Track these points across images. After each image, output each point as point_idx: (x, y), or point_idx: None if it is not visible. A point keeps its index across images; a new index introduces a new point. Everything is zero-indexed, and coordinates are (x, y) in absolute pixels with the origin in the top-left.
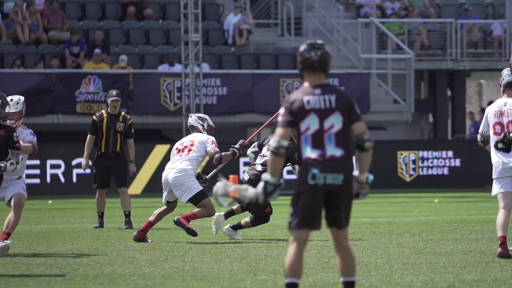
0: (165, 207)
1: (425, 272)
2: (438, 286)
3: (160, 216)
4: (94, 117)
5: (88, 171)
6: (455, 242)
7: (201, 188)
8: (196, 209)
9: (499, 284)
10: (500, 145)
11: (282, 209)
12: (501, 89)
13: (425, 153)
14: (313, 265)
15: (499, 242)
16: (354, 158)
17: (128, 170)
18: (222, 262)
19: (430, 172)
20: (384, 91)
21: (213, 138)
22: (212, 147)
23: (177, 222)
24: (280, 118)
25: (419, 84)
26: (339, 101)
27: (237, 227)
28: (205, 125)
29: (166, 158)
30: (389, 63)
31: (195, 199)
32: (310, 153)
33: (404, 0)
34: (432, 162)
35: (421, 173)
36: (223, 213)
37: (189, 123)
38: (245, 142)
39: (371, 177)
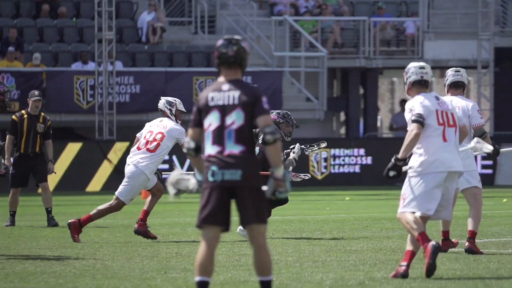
0: (149, 197)
1: (335, 270)
2: (348, 283)
3: (151, 204)
4: (14, 117)
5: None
6: (366, 240)
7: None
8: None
9: (409, 281)
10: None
11: (194, 207)
12: (445, 88)
13: (336, 151)
14: (224, 263)
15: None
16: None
17: (48, 169)
18: (133, 260)
19: (341, 170)
20: (297, 89)
21: (185, 130)
22: (186, 140)
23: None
24: (191, 117)
25: (332, 82)
26: (242, 98)
27: None
28: (173, 109)
29: (79, 156)
30: (302, 61)
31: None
32: (210, 149)
33: None
34: (343, 160)
35: (332, 171)
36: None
37: (158, 106)
38: None
39: (288, 173)
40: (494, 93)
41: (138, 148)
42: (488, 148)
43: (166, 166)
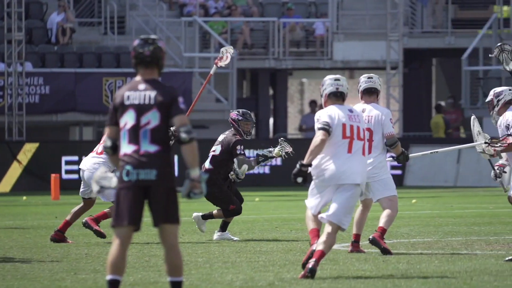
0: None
1: (245, 270)
2: (258, 284)
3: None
4: None
5: None
6: (276, 241)
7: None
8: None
9: (319, 282)
10: None
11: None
12: (359, 95)
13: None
14: (134, 264)
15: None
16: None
17: None
18: (43, 261)
19: (251, 171)
20: (207, 90)
21: None
22: None
23: (85, 224)
24: (108, 116)
25: (242, 83)
26: (158, 98)
27: (207, 216)
28: None
29: None
30: (211, 61)
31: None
32: (126, 149)
33: None
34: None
35: None
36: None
37: None
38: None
39: (204, 175)
40: (403, 94)
41: (96, 152)
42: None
43: None
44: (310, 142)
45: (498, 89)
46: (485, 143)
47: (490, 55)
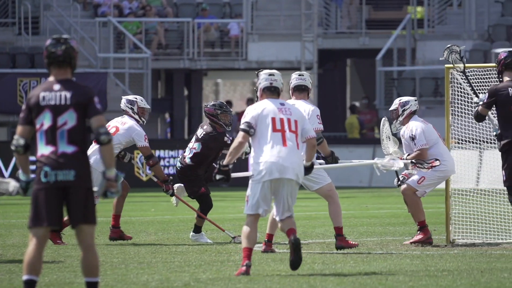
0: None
1: (161, 271)
2: (174, 285)
3: (119, 205)
4: None
5: None
6: (191, 241)
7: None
8: (114, 208)
9: (234, 282)
10: None
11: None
12: (290, 91)
13: (161, 152)
14: (49, 265)
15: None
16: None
17: None
18: None
19: (167, 171)
20: (122, 90)
21: (143, 133)
22: (144, 143)
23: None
24: (20, 115)
25: (156, 83)
26: (74, 98)
27: (197, 229)
28: (135, 108)
29: None
30: (126, 62)
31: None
32: (43, 150)
33: None
34: (169, 162)
35: None
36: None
37: (121, 106)
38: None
39: (120, 174)
40: (317, 95)
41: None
42: (399, 165)
43: None
44: None
45: (404, 99)
46: (412, 162)
47: (440, 59)
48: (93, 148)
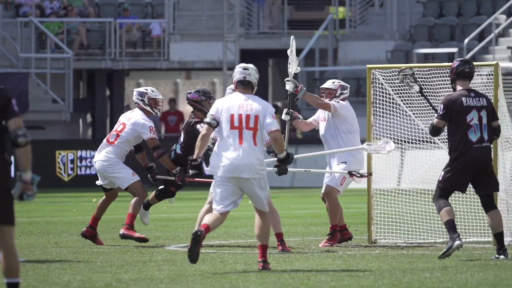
0: (104, 197)
1: (82, 271)
2: (96, 285)
3: (102, 208)
4: None
5: None
6: (113, 241)
7: (126, 174)
8: (130, 208)
9: (156, 283)
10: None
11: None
12: (234, 85)
13: (83, 153)
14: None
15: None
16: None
17: None
18: None
19: (88, 171)
20: (43, 91)
21: (151, 124)
22: (149, 135)
23: (123, 236)
24: None
25: (78, 83)
26: None
27: (147, 206)
28: (146, 99)
29: None
30: (48, 62)
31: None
32: None
33: None
34: (90, 162)
35: (79, 172)
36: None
37: (133, 99)
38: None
39: (36, 177)
40: None
41: (107, 140)
42: (391, 148)
43: None
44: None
45: (343, 83)
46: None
47: (399, 83)
48: (100, 151)
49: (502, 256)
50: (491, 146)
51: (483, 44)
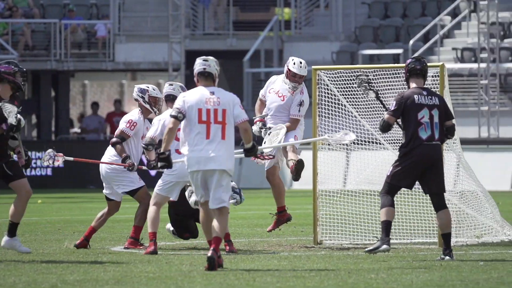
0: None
1: (28, 273)
2: (41, 286)
3: (103, 221)
4: None
5: None
6: (58, 242)
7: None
8: (136, 219)
9: (102, 284)
10: None
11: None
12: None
13: (29, 154)
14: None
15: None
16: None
17: None
18: None
19: (34, 172)
20: None
21: (130, 118)
22: (121, 126)
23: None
24: None
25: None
26: None
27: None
28: (146, 97)
29: None
30: None
31: (131, 192)
32: None
33: (8, 0)
34: (36, 163)
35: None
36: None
37: (133, 95)
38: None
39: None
40: None
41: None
42: (351, 138)
43: None
44: (92, 143)
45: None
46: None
47: (356, 87)
48: (107, 153)
49: (447, 257)
50: (442, 144)
51: (428, 45)
